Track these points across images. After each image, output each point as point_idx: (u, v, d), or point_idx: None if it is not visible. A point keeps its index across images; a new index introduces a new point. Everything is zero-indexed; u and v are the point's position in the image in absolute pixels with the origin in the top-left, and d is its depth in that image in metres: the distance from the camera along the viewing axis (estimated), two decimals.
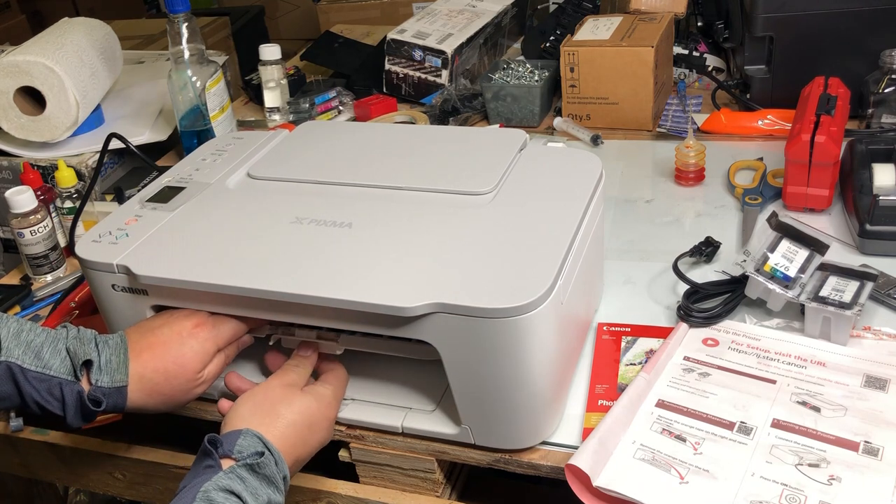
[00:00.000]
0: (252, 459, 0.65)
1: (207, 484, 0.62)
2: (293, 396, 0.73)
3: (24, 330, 0.72)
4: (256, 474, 0.65)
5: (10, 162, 1.31)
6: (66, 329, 0.74)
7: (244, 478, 0.64)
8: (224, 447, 0.66)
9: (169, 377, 0.74)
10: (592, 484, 0.70)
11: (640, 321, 0.90)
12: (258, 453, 0.66)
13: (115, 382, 0.72)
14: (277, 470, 0.66)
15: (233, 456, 0.65)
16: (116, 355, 0.73)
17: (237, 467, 0.64)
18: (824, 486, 0.67)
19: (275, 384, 0.74)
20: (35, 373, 0.70)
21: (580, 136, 1.32)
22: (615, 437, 0.74)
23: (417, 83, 1.52)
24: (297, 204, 0.83)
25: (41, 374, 0.70)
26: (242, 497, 0.62)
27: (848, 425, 0.73)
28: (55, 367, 0.71)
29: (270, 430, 0.69)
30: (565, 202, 0.80)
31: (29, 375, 0.69)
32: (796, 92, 1.13)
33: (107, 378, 0.72)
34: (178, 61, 1.28)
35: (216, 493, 0.62)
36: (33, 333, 0.72)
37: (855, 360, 0.81)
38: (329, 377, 0.78)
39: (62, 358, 0.71)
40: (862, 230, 0.96)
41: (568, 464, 0.71)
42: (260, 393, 0.73)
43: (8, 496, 1.13)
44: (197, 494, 0.61)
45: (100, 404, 0.71)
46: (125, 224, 0.83)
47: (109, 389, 0.72)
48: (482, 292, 0.68)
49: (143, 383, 0.73)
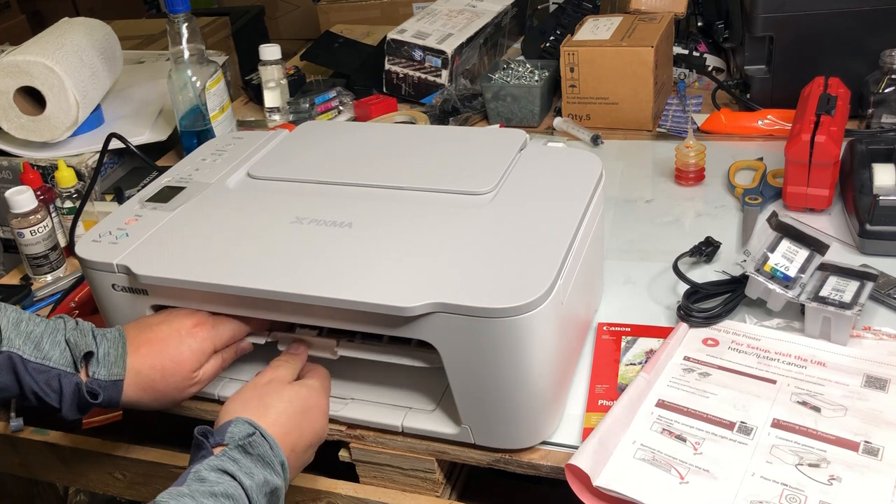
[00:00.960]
0: (243, 441, 0.64)
1: (199, 465, 0.62)
2: (282, 388, 0.73)
3: (24, 320, 0.72)
4: (249, 455, 0.64)
5: (10, 162, 1.31)
6: (63, 320, 0.73)
7: (237, 459, 0.63)
8: (215, 437, 0.65)
9: (165, 374, 0.74)
10: (592, 484, 0.70)
11: (640, 321, 0.90)
12: (249, 434, 0.65)
13: (112, 376, 0.72)
14: (273, 454, 0.66)
15: (224, 443, 0.65)
16: (115, 349, 0.73)
17: (229, 450, 0.64)
18: (824, 486, 0.67)
19: (263, 380, 0.74)
20: (35, 364, 0.70)
21: (580, 136, 1.32)
22: (615, 437, 0.74)
23: (417, 83, 1.52)
24: (297, 204, 0.83)
25: (41, 366, 0.70)
26: (236, 476, 0.61)
27: (848, 425, 0.73)
28: (55, 358, 0.71)
29: (262, 419, 0.68)
30: (565, 202, 0.80)
31: (29, 366, 0.69)
32: (796, 92, 1.13)
33: (104, 371, 0.72)
34: (178, 61, 1.28)
35: (208, 472, 0.61)
36: (32, 324, 0.72)
37: (855, 360, 0.81)
38: (313, 374, 0.78)
39: (62, 349, 0.71)
40: (862, 230, 0.96)
41: (568, 464, 0.71)
42: (248, 389, 0.73)
43: (8, 496, 1.13)
44: (189, 475, 0.61)
45: (97, 397, 0.71)
46: (125, 224, 0.83)
47: (106, 382, 0.72)
48: (482, 292, 0.68)
49: (139, 378, 0.73)
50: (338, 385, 0.83)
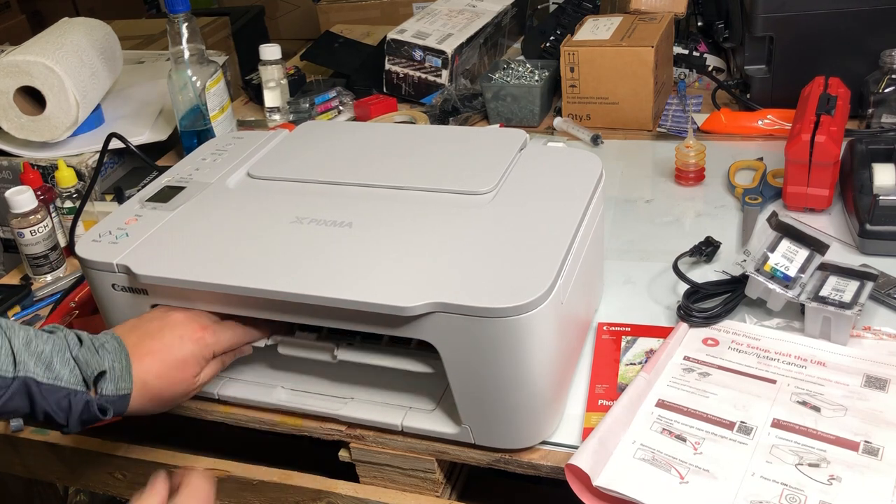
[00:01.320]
0: None
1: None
2: None
3: (32, 339, 0.69)
4: None
5: (10, 162, 1.31)
6: (63, 334, 0.71)
7: None
8: None
9: (171, 383, 0.73)
10: (592, 484, 0.70)
11: (640, 321, 0.90)
12: None
13: (120, 390, 0.70)
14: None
15: None
16: (119, 361, 0.71)
17: None
18: (824, 486, 0.67)
19: None
20: (47, 385, 0.67)
21: (580, 136, 1.32)
22: (615, 436, 0.74)
23: (417, 83, 1.52)
24: (298, 204, 0.83)
25: (53, 386, 0.67)
26: None
27: (848, 425, 0.73)
28: (65, 377, 0.68)
29: None
30: (565, 202, 0.80)
31: (42, 388, 0.67)
32: (796, 92, 1.13)
33: (111, 386, 0.70)
34: (178, 61, 1.28)
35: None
36: (41, 342, 0.69)
37: (855, 360, 0.81)
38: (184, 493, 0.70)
39: (71, 368, 0.69)
40: (862, 230, 0.96)
41: (568, 464, 0.71)
42: None
43: (8, 496, 1.13)
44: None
45: (105, 412, 0.70)
46: (125, 224, 0.83)
47: (114, 398, 0.70)
48: (482, 292, 0.68)
49: (146, 390, 0.72)
50: (337, 385, 0.83)
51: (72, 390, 0.68)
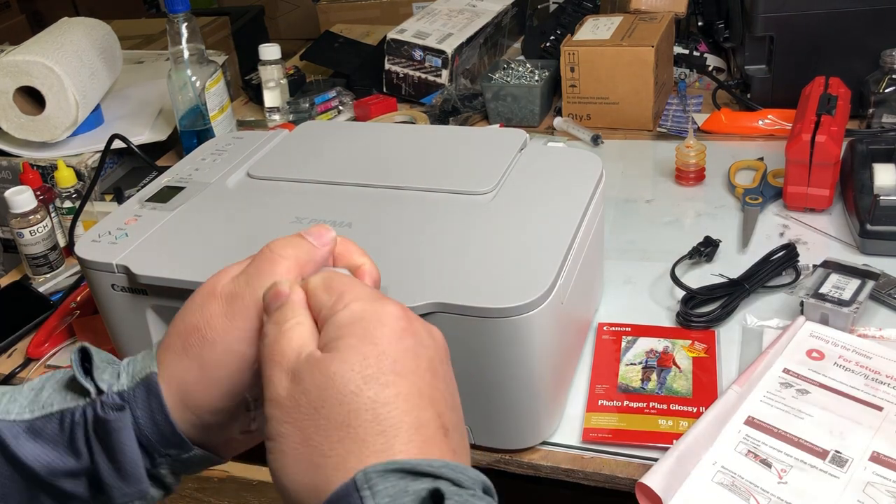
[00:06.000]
0: None
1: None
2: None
3: None
4: None
5: (10, 162, 1.31)
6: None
7: None
8: None
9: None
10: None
11: (640, 321, 0.90)
12: None
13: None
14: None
15: None
16: None
17: None
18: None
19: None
20: None
21: (580, 136, 1.32)
22: (695, 455, 0.69)
23: (417, 83, 1.52)
24: (297, 204, 0.83)
25: None
26: None
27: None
28: None
29: None
30: (565, 202, 0.80)
31: None
32: (796, 92, 1.13)
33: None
34: (177, 61, 1.28)
35: None
36: None
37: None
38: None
39: None
40: (862, 230, 0.96)
41: (639, 482, 0.67)
42: None
43: None
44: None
45: None
46: (125, 224, 0.83)
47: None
48: (482, 292, 0.68)
49: None
50: None
51: None
